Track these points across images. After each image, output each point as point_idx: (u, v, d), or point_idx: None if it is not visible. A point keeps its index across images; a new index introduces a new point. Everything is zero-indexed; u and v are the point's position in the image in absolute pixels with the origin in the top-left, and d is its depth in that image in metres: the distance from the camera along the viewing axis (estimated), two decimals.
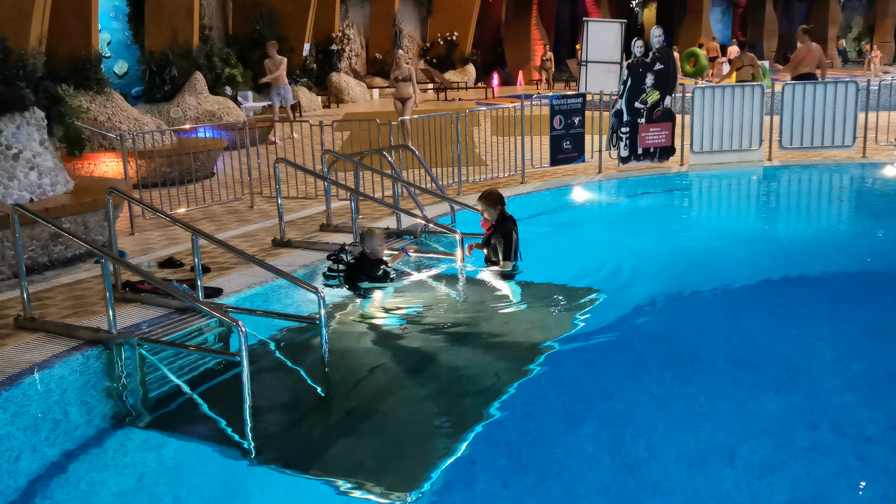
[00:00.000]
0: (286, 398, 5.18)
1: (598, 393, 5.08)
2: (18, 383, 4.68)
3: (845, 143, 12.53)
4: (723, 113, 12.38)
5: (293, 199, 10.41)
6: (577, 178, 11.72)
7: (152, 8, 16.64)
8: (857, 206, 10.78)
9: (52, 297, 6.41)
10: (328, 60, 25.66)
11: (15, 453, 4.36)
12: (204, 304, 5.51)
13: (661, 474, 4.08)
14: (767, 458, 4.19)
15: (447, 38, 32.01)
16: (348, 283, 6.79)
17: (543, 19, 37.06)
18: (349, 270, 6.84)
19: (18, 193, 7.23)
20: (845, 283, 7.18)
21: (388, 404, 4.98)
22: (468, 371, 5.44)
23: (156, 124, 13.23)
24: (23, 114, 7.46)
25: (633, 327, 6.16)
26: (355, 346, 5.84)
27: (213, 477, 4.29)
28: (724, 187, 11.85)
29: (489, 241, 7.35)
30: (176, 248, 8.00)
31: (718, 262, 7.89)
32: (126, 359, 5.30)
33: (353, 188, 8.19)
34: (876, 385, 5.04)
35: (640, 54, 12.01)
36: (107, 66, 16.45)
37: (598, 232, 9.35)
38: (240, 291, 6.41)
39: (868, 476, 4.05)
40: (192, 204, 10.08)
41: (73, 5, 12.80)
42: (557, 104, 11.71)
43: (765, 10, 40.84)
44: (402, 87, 15.12)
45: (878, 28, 42.27)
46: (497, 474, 4.14)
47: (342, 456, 4.37)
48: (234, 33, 22.33)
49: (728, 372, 5.31)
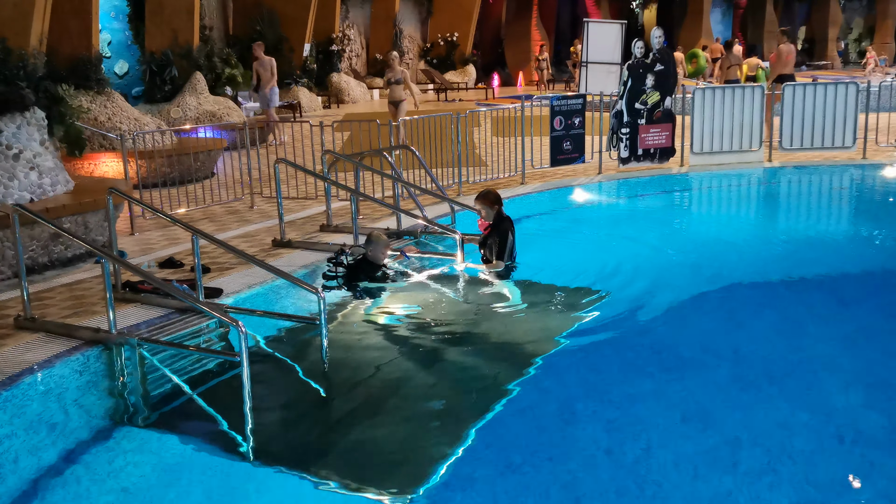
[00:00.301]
0: (286, 399, 5.18)
1: (599, 393, 5.08)
2: (18, 383, 4.69)
3: (845, 144, 12.54)
4: (723, 114, 12.38)
5: (293, 199, 10.41)
6: (578, 178, 11.73)
7: (153, 8, 16.64)
8: (858, 207, 10.78)
9: (52, 297, 6.41)
10: (328, 61, 25.67)
11: (15, 453, 4.36)
12: (204, 304, 5.51)
13: (661, 476, 4.08)
14: (769, 460, 4.19)
15: (447, 38, 32.02)
16: (348, 285, 6.79)
17: (544, 20, 37.07)
18: (349, 272, 6.84)
19: (19, 193, 7.23)
20: (847, 284, 7.18)
21: (388, 405, 4.98)
22: (468, 372, 5.44)
23: (156, 124, 13.23)
24: (23, 114, 7.46)
25: (634, 328, 6.16)
26: (355, 346, 5.84)
27: (213, 477, 4.29)
28: (725, 188, 11.85)
29: (486, 240, 7.37)
30: (176, 248, 8.00)
31: (719, 263, 7.89)
32: (126, 359, 5.30)
33: (353, 189, 8.19)
34: (878, 387, 5.04)
35: (641, 55, 12.01)
36: (107, 66, 16.45)
37: (599, 232, 9.35)
38: (240, 292, 6.41)
39: (872, 480, 4.04)
40: (192, 204, 10.08)
41: (74, 5, 12.80)
42: (558, 105, 11.71)
43: (765, 11, 40.83)
44: (394, 90, 14.90)
45: (878, 29, 42.25)
46: (497, 475, 4.14)
47: (342, 456, 4.37)
48: (235, 33, 22.34)
49: (728, 372, 5.31)
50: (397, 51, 29.64)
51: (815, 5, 42.72)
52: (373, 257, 6.90)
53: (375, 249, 6.89)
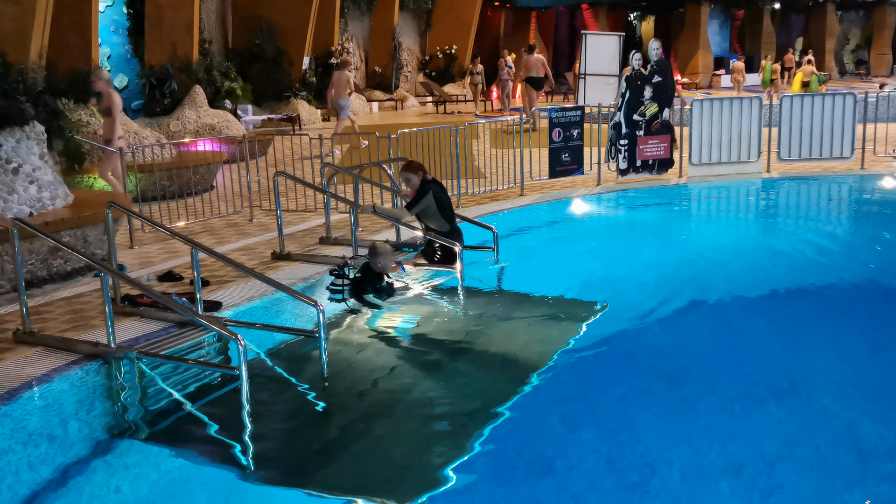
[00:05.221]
0: (286, 412, 5.16)
1: (598, 405, 5.07)
2: (17, 398, 4.68)
3: (844, 154, 12.56)
4: (721, 125, 12.41)
5: (293, 212, 10.42)
6: (576, 190, 11.74)
7: (152, 22, 16.71)
8: (857, 218, 10.79)
9: (51, 311, 6.40)
10: (327, 74, 25.72)
11: (14, 468, 4.34)
12: (203, 317, 5.51)
13: (661, 487, 4.07)
14: (769, 472, 4.18)
15: (446, 51, 32.12)
16: (354, 297, 6.80)
17: (542, 33, 37.24)
18: (355, 284, 6.85)
19: (18, 207, 7.24)
20: (846, 294, 7.18)
21: (388, 418, 4.97)
22: (467, 384, 5.43)
23: (155, 138, 13.26)
24: (23, 128, 7.47)
25: (633, 340, 6.15)
26: (355, 359, 5.83)
27: (212, 491, 4.28)
28: (723, 199, 11.87)
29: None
30: (175, 261, 8.00)
31: (718, 273, 7.89)
32: (125, 373, 5.30)
33: (352, 201, 8.20)
34: (879, 398, 5.03)
35: (639, 67, 12.05)
36: None
37: (597, 244, 9.35)
38: (239, 305, 6.40)
39: (873, 490, 4.03)
40: (191, 217, 10.09)
41: (74, 20, 12.87)
42: (556, 117, 11.74)
43: (762, 22, 41.00)
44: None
45: (875, 40, 42.44)
46: (496, 488, 4.13)
47: (341, 470, 4.35)
48: (234, 47, 22.41)
49: (728, 384, 5.30)
50: (396, 63, 29.75)
51: (812, 16, 42.90)
52: (382, 268, 6.92)
53: (384, 260, 6.91)
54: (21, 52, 8.17)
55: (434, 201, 7.51)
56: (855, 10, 44.46)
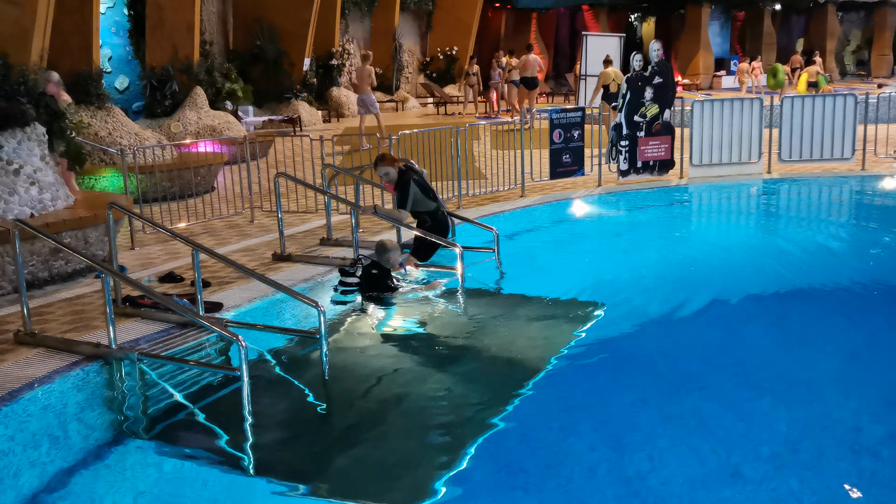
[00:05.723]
0: (287, 413, 5.17)
1: (599, 407, 5.06)
2: (18, 399, 4.68)
3: (844, 155, 12.56)
4: (722, 126, 12.41)
5: (293, 213, 10.42)
6: (577, 191, 11.74)
7: (153, 23, 16.71)
8: (858, 219, 10.78)
9: (52, 312, 6.40)
10: (328, 75, 25.74)
11: (15, 469, 4.34)
12: (204, 318, 5.51)
13: (662, 490, 4.06)
14: (769, 473, 4.18)
15: (447, 52, 32.11)
16: (364, 297, 6.83)
17: (543, 34, 37.22)
18: (368, 282, 6.88)
19: (19, 208, 7.24)
20: (847, 295, 7.17)
21: (389, 419, 4.97)
22: (468, 386, 5.43)
23: (156, 139, 13.27)
24: (24, 129, 7.48)
25: (634, 341, 6.15)
26: (355, 361, 5.83)
27: (215, 492, 4.28)
28: (724, 200, 11.87)
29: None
30: (176, 262, 8.00)
31: (719, 274, 7.89)
32: (126, 374, 5.29)
33: (353, 202, 8.21)
34: (879, 399, 5.03)
35: (639, 68, 12.05)
36: (108, 81, 16.52)
37: (598, 245, 9.35)
38: (240, 306, 6.40)
39: (874, 491, 4.03)
40: (192, 218, 10.09)
41: (75, 21, 12.86)
42: (557, 118, 11.74)
43: (763, 23, 40.97)
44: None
45: (876, 40, 42.40)
46: (497, 489, 4.12)
47: (343, 471, 4.35)
48: (235, 48, 22.42)
49: (729, 386, 5.30)
50: (397, 65, 29.76)
51: (813, 18, 42.86)
52: (392, 263, 7.01)
53: (394, 255, 7.03)
54: (22, 53, 8.16)
55: (418, 188, 7.65)
56: (856, 11, 44.41)
